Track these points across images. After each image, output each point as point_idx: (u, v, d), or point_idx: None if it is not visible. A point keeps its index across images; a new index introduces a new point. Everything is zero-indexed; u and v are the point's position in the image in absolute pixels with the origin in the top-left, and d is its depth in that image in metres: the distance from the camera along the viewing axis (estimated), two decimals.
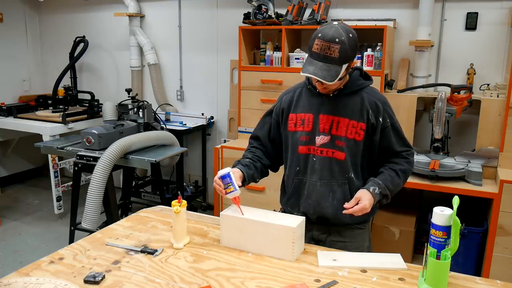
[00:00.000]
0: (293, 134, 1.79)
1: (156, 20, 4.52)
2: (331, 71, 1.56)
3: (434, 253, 1.33)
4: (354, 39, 1.59)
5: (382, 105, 1.74)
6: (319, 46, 1.56)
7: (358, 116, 1.71)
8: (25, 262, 1.91)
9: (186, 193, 4.28)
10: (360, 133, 1.71)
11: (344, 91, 1.73)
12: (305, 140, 1.76)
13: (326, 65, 1.56)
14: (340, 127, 1.72)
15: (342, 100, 1.73)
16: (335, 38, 1.54)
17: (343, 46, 1.54)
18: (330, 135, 1.72)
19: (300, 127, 1.77)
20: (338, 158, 1.72)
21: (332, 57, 1.55)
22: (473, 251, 2.67)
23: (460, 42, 3.31)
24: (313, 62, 1.58)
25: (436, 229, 1.37)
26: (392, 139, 1.75)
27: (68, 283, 1.38)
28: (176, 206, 1.61)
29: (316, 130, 1.74)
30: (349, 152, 1.72)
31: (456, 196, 1.35)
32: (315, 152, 1.75)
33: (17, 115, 4.39)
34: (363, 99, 1.73)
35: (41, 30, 5.22)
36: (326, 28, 1.58)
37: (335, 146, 1.72)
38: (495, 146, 2.99)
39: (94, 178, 3.03)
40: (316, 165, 1.74)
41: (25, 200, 4.69)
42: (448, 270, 1.33)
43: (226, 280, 1.42)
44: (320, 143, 1.73)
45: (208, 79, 4.37)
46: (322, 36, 1.56)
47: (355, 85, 1.74)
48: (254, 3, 3.53)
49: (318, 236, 1.82)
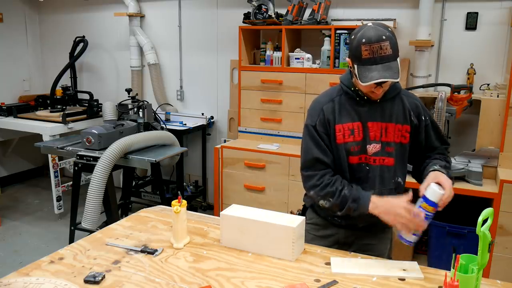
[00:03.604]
0: (344, 145, 1.68)
1: (156, 20, 4.52)
2: (393, 69, 1.52)
3: (463, 267, 1.32)
4: (393, 33, 1.58)
5: (420, 105, 1.74)
6: (370, 50, 1.51)
7: (403, 119, 1.70)
8: (25, 262, 1.91)
9: (186, 193, 4.28)
10: (406, 135, 1.70)
11: (387, 96, 1.68)
12: (357, 150, 1.68)
13: (386, 65, 1.52)
14: (388, 132, 1.68)
15: (386, 105, 1.69)
16: (381, 36, 1.52)
17: (391, 41, 1.52)
18: (381, 143, 1.69)
19: (350, 138, 1.68)
20: (388, 165, 1.70)
21: (388, 55, 1.52)
22: (473, 251, 2.67)
23: (460, 42, 3.31)
24: (371, 68, 1.52)
25: (428, 203, 1.49)
26: (432, 136, 1.76)
27: (68, 283, 1.38)
28: (176, 206, 1.61)
29: (367, 139, 1.68)
30: (397, 157, 1.70)
31: (490, 208, 1.32)
32: (367, 161, 1.69)
33: (17, 115, 4.39)
34: (403, 101, 1.71)
35: (41, 30, 5.22)
36: (365, 31, 1.54)
37: (386, 152, 1.69)
38: (495, 146, 2.99)
39: (94, 178, 3.03)
40: (370, 174, 1.69)
41: (25, 200, 4.69)
42: (474, 284, 1.30)
43: (226, 280, 1.42)
44: (373, 152, 1.68)
45: (208, 79, 4.37)
46: (368, 40, 1.52)
47: (394, 88, 1.70)
48: (254, 3, 3.53)
49: (345, 239, 1.80)
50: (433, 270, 1.47)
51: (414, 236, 1.52)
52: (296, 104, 3.50)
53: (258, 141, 3.66)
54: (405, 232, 1.52)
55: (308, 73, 3.41)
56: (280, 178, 3.39)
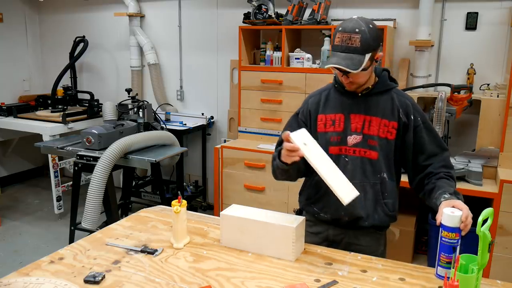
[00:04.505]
0: (324, 135, 1.75)
1: (156, 20, 4.52)
2: (354, 60, 1.57)
3: (463, 267, 1.32)
4: (374, 30, 1.60)
5: (412, 105, 1.74)
6: (340, 39, 1.59)
7: (390, 115, 1.71)
8: (25, 262, 1.91)
9: (186, 193, 4.28)
10: (392, 131, 1.70)
11: (374, 90, 1.72)
12: (337, 141, 1.73)
13: (349, 55, 1.57)
14: (372, 126, 1.70)
15: (372, 99, 1.72)
16: (355, 28, 1.57)
17: (363, 36, 1.56)
18: (362, 135, 1.71)
19: (331, 128, 1.74)
20: (370, 158, 1.71)
21: (354, 47, 1.57)
22: (473, 251, 2.68)
23: (460, 42, 3.31)
24: (335, 54, 1.60)
25: (447, 230, 1.38)
26: (425, 138, 1.72)
27: (68, 283, 1.38)
28: (176, 206, 1.61)
29: (348, 130, 1.72)
30: (382, 151, 1.71)
31: (490, 208, 1.32)
32: (347, 152, 1.72)
33: (17, 115, 4.39)
34: (393, 98, 1.73)
35: (41, 30, 5.22)
36: (346, 21, 1.62)
37: (368, 145, 1.70)
38: (495, 146, 2.99)
39: (94, 178, 3.03)
40: (349, 165, 1.71)
41: (25, 200, 4.69)
42: (474, 284, 1.29)
43: (226, 280, 1.42)
44: (353, 143, 1.71)
45: (208, 79, 4.37)
46: (343, 29, 1.59)
47: (384, 84, 1.74)
48: (254, 3, 3.53)
49: (334, 237, 1.81)
50: (433, 270, 1.47)
51: (441, 268, 1.43)
52: (296, 104, 3.47)
53: (258, 141, 3.66)
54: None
55: (308, 73, 3.41)
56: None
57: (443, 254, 1.40)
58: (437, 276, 1.43)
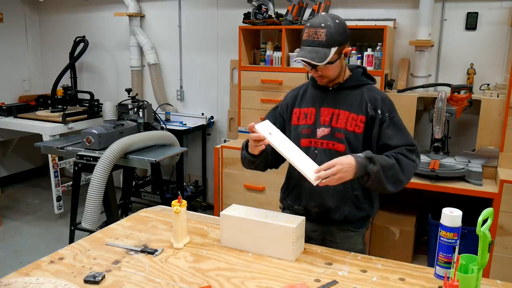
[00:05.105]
0: (296, 127, 1.82)
1: (156, 20, 4.52)
2: (319, 53, 1.64)
3: (463, 267, 1.32)
4: (341, 25, 1.67)
5: (381, 100, 1.75)
6: (307, 33, 1.67)
7: (358, 109, 1.74)
8: (25, 262, 1.91)
9: (186, 193, 4.28)
10: (360, 125, 1.73)
11: (344, 85, 1.78)
12: (307, 133, 1.79)
13: (315, 48, 1.65)
14: (340, 119, 1.75)
15: (342, 93, 1.78)
16: (321, 23, 1.65)
17: (329, 30, 1.64)
18: (330, 127, 1.75)
19: (303, 121, 1.81)
20: (338, 150, 1.74)
21: (319, 41, 1.64)
22: (473, 251, 2.68)
23: (460, 42, 3.31)
24: (303, 48, 1.68)
25: (446, 230, 1.38)
26: (391, 134, 1.72)
27: (68, 283, 1.38)
28: (176, 206, 1.61)
29: (318, 123, 1.78)
30: (349, 145, 1.73)
31: (490, 208, 1.32)
32: (316, 145, 1.77)
33: (17, 115, 4.39)
34: (363, 93, 1.77)
35: (41, 30, 5.22)
36: (315, 17, 1.71)
37: (335, 138, 1.74)
38: (495, 146, 2.99)
39: (94, 178, 3.03)
40: (317, 157, 1.74)
41: (25, 200, 4.70)
42: (474, 284, 1.29)
43: (226, 280, 1.42)
44: (321, 135, 1.76)
45: (208, 79, 4.37)
46: (310, 24, 1.67)
47: (356, 80, 1.79)
48: (254, 3, 3.53)
49: (310, 233, 1.82)
50: (433, 270, 1.47)
51: (439, 267, 1.43)
52: None
53: None
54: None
55: (308, 73, 3.41)
56: (280, 178, 3.37)
57: (441, 254, 1.40)
58: (436, 275, 1.43)
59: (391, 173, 1.63)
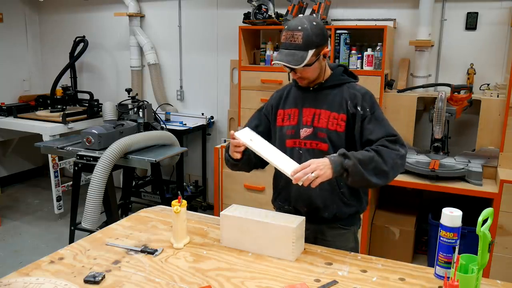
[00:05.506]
0: (281, 128, 1.84)
1: (156, 20, 4.52)
2: (296, 56, 1.65)
3: (463, 267, 1.32)
4: (318, 27, 1.69)
5: (361, 96, 1.75)
6: (285, 36, 1.69)
7: (338, 108, 1.75)
8: (25, 262, 1.91)
9: (186, 193, 4.28)
10: (341, 124, 1.74)
11: (325, 84, 1.79)
12: (291, 134, 1.80)
13: (291, 51, 1.66)
14: (321, 119, 1.76)
15: (323, 93, 1.79)
16: (297, 26, 1.66)
17: (305, 33, 1.65)
18: (312, 127, 1.77)
19: (287, 122, 1.82)
20: (321, 150, 1.75)
21: (296, 43, 1.66)
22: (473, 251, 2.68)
23: (460, 42, 3.31)
24: (280, 51, 1.70)
25: (446, 230, 1.38)
26: (372, 128, 1.70)
27: (68, 283, 1.38)
28: (176, 206, 1.61)
29: (300, 123, 1.79)
30: (331, 144, 1.74)
31: (490, 208, 1.32)
32: (300, 145, 1.78)
33: (17, 115, 4.39)
34: (343, 92, 1.78)
35: (41, 30, 5.22)
36: (292, 20, 1.73)
37: (318, 137, 1.76)
38: (495, 146, 2.99)
39: (94, 178, 3.03)
40: (302, 157, 1.75)
41: (25, 200, 4.69)
42: (474, 284, 1.29)
43: (226, 280, 1.42)
44: (304, 136, 1.78)
45: (208, 79, 4.37)
46: (288, 27, 1.69)
47: (336, 79, 1.80)
48: (254, 3, 3.53)
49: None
50: (433, 270, 1.47)
51: (439, 267, 1.43)
52: None
53: None
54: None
55: None
56: None
57: (441, 254, 1.40)
58: (436, 276, 1.43)
59: (372, 166, 1.60)
